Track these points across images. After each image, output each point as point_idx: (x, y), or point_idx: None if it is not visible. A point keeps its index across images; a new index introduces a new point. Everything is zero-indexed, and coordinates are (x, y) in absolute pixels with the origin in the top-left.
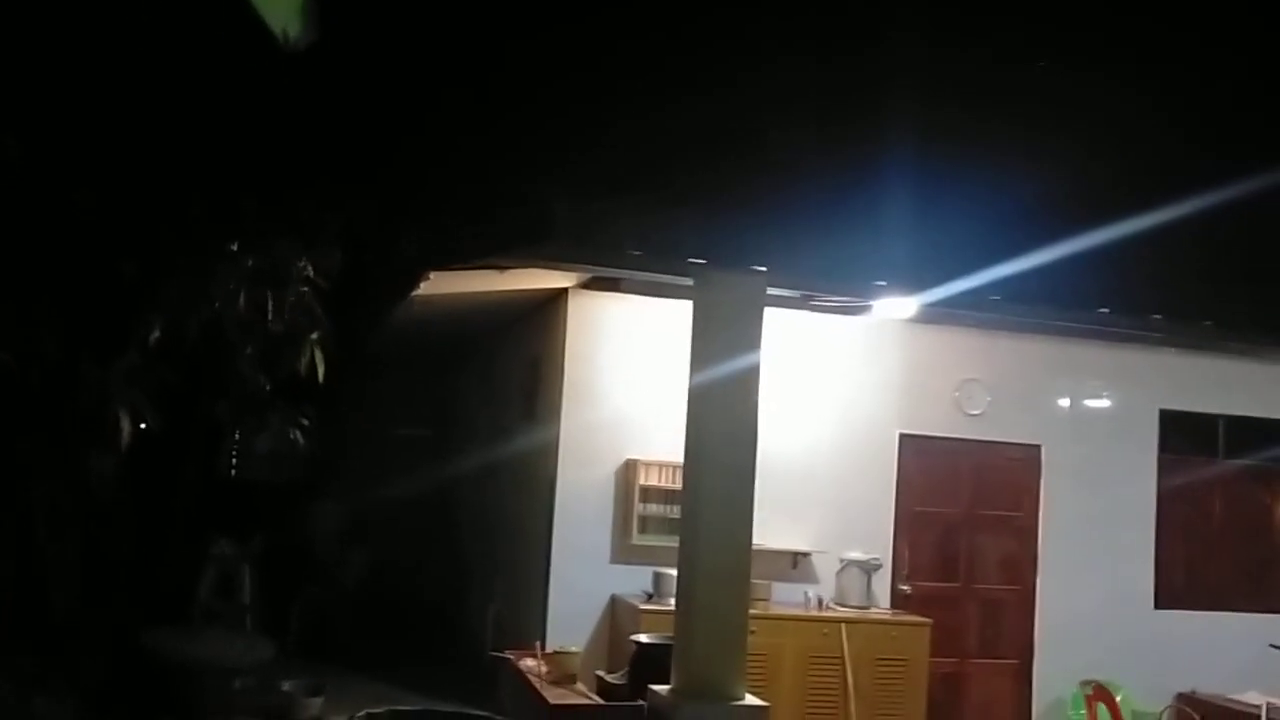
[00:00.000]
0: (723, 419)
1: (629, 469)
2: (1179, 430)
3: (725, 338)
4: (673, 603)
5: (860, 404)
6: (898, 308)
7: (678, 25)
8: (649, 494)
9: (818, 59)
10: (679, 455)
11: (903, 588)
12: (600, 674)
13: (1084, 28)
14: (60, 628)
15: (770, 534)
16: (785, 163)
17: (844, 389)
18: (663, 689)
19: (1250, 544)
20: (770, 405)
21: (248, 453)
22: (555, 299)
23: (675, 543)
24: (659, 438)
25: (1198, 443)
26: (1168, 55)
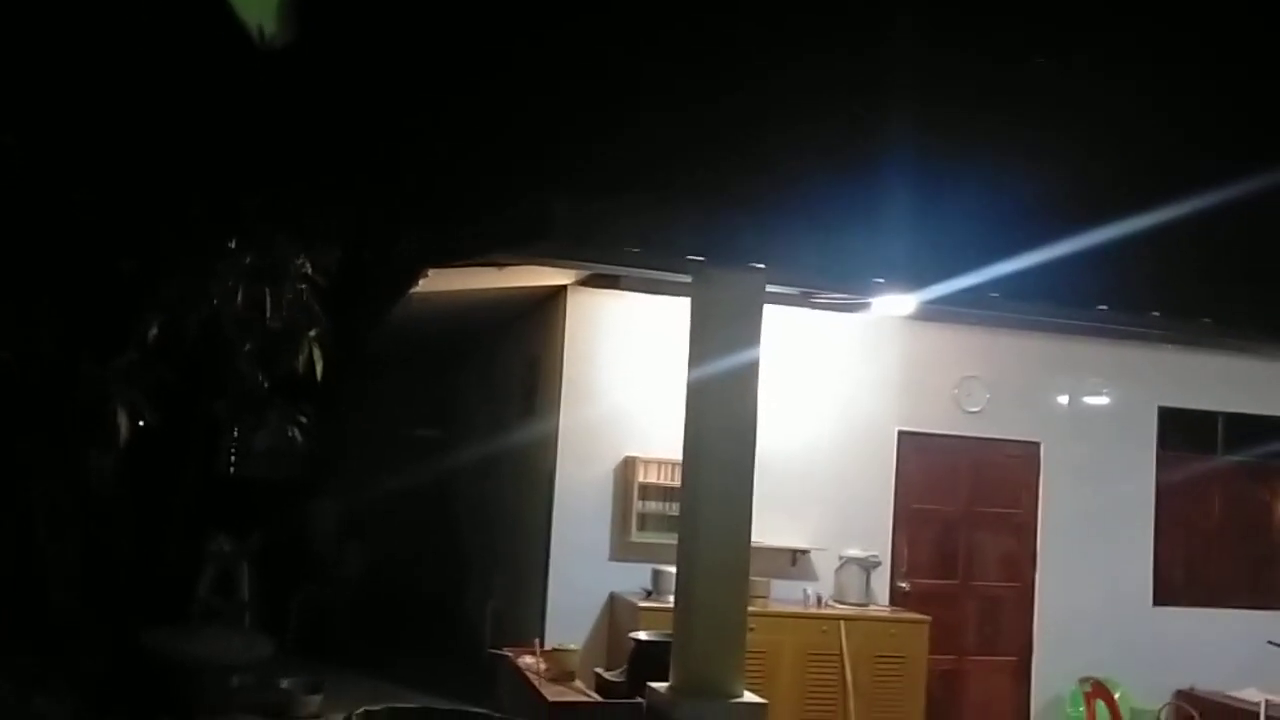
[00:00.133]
0: (722, 416)
1: (628, 466)
2: (1178, 427)
3: (724, 335)
4: (671, 600)
5: (859, 401)
6: (897, 305)
7: (676, 23)
8: (648, 491)
9: (816, 57)
10: (678, 452)
11: (901, 585)
12: (599, 671)
13: (1083, 26)
14: (59, 625)
15: (769, 531)
16: (784, 160)
17: (843, 386)
18: (661, 686)
19: (1249, 541)
20: (769, 402)
21: (246, 450)
22: (554, 296)
23: (674, 540)
24: (658, 435)
25: (1196, 440)
26: (1166, 54)
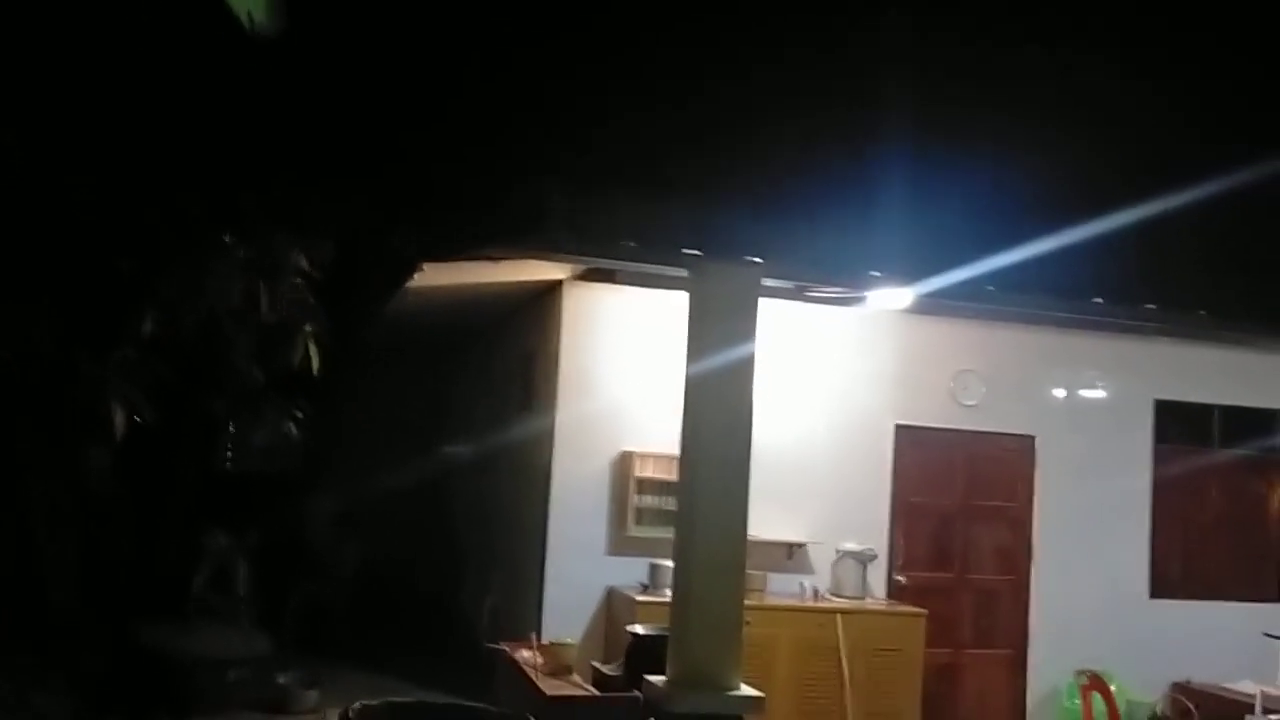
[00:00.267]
0: (718, 410)
1: (624, 461)
2: (1174, 420)
3: (720, 329)
4: (668, 594)
5: (855, 395)
6: (893, 298)
7: (672, 16)
8: (645, 486)
9: (812, 50)
10: (675, 447)
11: (898, 578)
12: (596, 665)
13: (1078, 17)
14: (57, 623)
15: (766, 525)
16: (780, 153)
17: (839, 380)
18: (658, 680)
19: (1245, 534)
20: (766, 397)
21: (243, 446)
22: (550, 290)
23: (671, 534)
24: (654, 429)
25: (1193, 433)
26: (1162, 45)
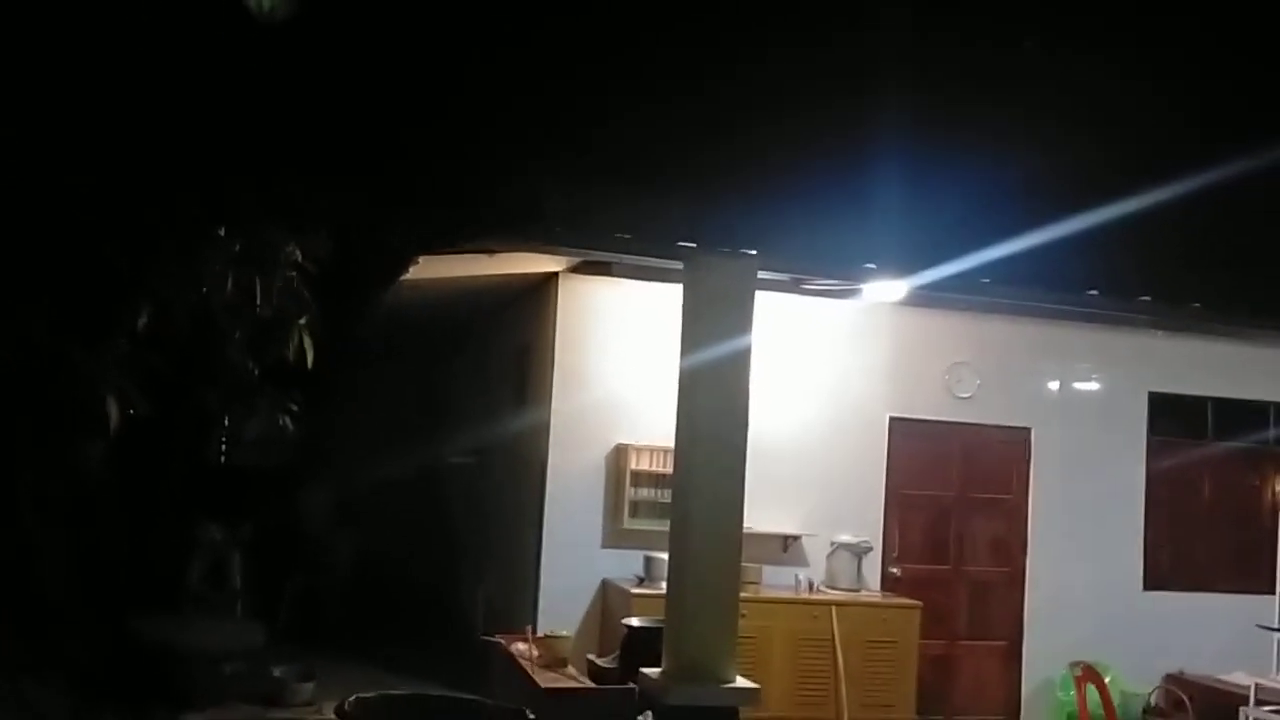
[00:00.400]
0: (713, 403)
1: (620, 453)
2: (1168, 413)
3: (715, 321)
4: (664, 586)
5: (850, 387)
6: (888, 291)
7: (667, 10)
8: (640, 478)
9: (807, 43)
10: (670, 439)
11: (893, 570)
12: (591, 657)
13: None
14: (51, 616)
15: (761, 517)
16: (775, 146)
17: (834, 372)
18: (654, 672)
19: (1238, 525)
20: (761, 389)
21: (237, 439)
22: (545, 283)
23: (666, 527)
24: (650, 422)
25: (1186, 425)
26: (1155, 39)
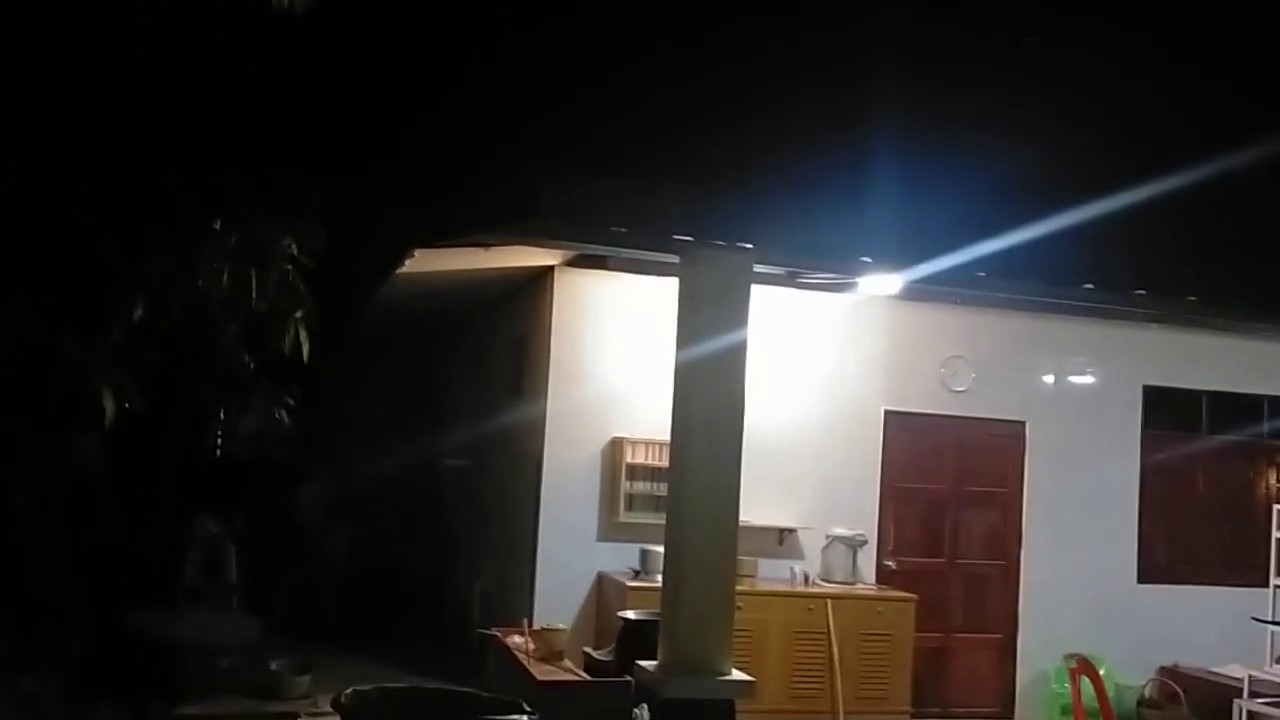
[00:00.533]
0: (709, 396)
1: (615, 447)
2: (1162, 406)
3: (711, 315)
4: (659, 579)
5: (846, 381)
6: (883, 284)
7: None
8: (635, 472)
9: (803, 38)
10: (666, 433)
11: (888, 563)
12: (588, 650)
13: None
14: (46, 608)
15: (756, 511)
16: (772, 140)
17: (830, 366)
18: (650, 665)
19: (1232, 518)
20: (757, 383)
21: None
22: (541, 277)
23: (662, 520)
24: (645, 415)
25: (1181, 418)
26: (1151, 35)
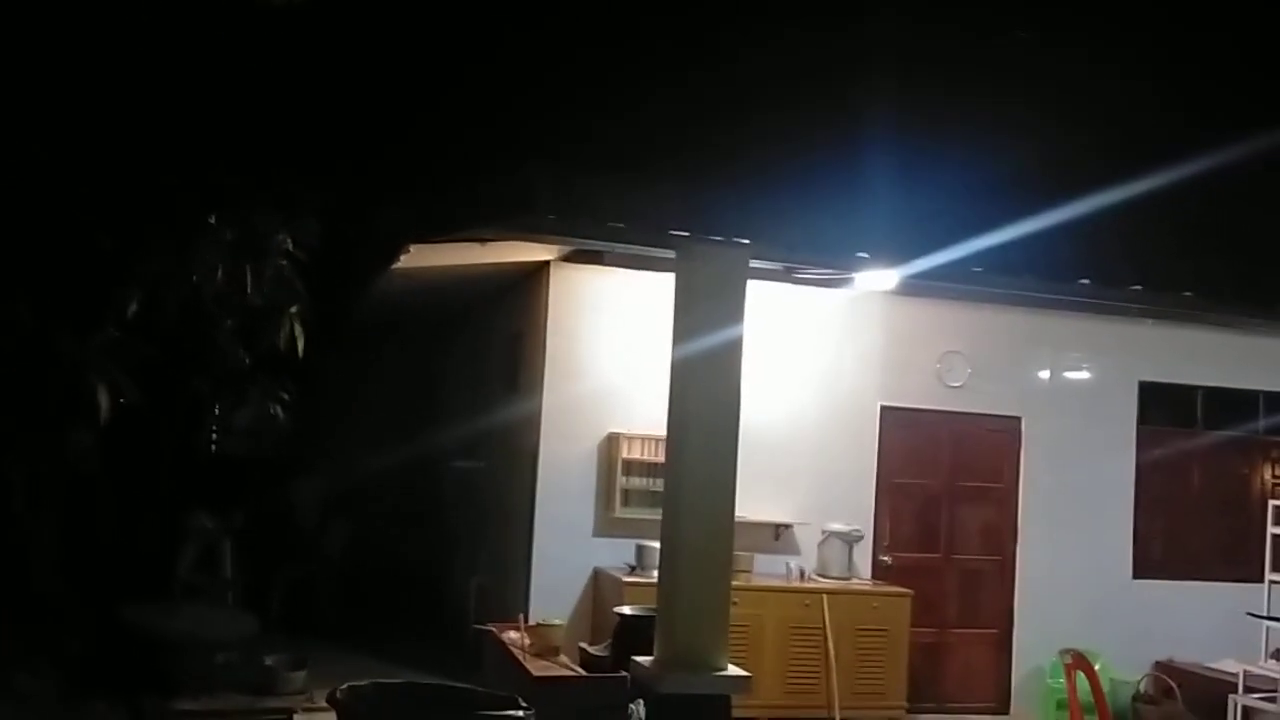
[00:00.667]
0: (705, 392)
1: (611, 442)
2: (1158, 402)
3: (708, 310)
4: (655, 575)
5: (842, 376)
6: (879, 280)
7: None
8: (631, 467)
9: (800, 32)
10: (662, 428)
11: (884, 559)
12: (583, 646)
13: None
14: (41, 604)
15: (752, 506)
16: (768, 135)
17: (826, 361)
18: (646, 660)
19: (1228, 514)
20: (753, 378)
21: (228, 427)
22: (537, 272)
23: (658, 515)
24: (641, 411)
25: (1176, 414)
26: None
